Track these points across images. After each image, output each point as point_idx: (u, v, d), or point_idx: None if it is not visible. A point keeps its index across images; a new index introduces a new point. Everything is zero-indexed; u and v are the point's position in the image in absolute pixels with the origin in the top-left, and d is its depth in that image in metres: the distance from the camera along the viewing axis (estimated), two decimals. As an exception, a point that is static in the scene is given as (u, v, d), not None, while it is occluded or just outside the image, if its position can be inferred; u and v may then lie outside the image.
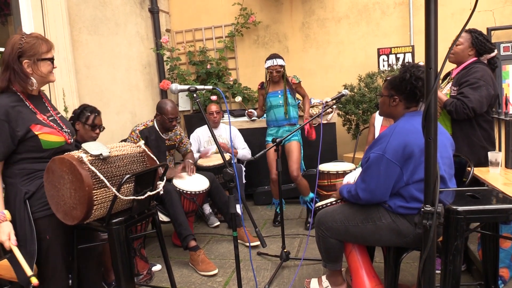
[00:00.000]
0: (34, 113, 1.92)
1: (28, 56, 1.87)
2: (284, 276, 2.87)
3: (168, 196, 3.12)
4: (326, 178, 3.31)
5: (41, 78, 1.94)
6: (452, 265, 1.70)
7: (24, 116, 1.87)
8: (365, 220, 2.10)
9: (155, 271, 3.11)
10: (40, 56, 1.90)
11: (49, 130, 1.92)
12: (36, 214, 1.89)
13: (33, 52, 1.88)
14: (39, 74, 1.91)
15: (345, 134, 4.65)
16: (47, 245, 1.93)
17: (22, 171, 1.89)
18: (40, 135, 1.87)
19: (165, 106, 3.34)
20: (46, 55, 1.92)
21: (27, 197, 1.88)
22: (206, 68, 5.12)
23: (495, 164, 2.46)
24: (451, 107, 2.58)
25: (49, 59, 1.94)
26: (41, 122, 1.91)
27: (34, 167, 1.90)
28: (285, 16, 5.15)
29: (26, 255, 1.86)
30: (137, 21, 4.83)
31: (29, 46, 1.88)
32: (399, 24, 4.73)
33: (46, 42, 1.94)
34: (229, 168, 1.91)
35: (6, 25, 3.57)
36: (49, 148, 1.91)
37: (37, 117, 1.91)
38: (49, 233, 1.93)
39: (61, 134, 1.96)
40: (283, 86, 3.78)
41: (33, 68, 1.89)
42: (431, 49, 1.20)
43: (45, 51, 1.91)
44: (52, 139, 1.91)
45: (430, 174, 1.27)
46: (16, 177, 1.89)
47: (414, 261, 2.87)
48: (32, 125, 1.87)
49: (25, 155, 1.89)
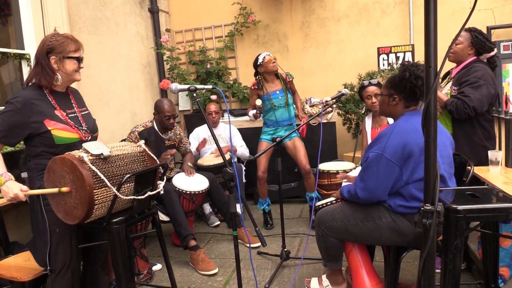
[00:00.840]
0: (53, 108, 2.01)
1: (56, 52, 1.98)
2: (284, 276, 2.87)
3: (167, 196, 3.13)
4: (326, 178, 3.31)
5: (66, 76, 2.04)
6: (452, 264, 1.70)
7: (42, 109, 1.96)
8: (365, 219, 2.11)
9: (156, 270, 3.12)
10: (67, 54, 2.00)
11: (62, 127, 2.00)
12: (47, 206, 1.97)
13: (61, 49, 1.99)
14: (64, 71, 2.02)
15: (345, 133, 4.65)
16: (57, 238, 2.01)
17: (38, 166, 1.99)
18: (52, 130, 1.96)
19: (161, 104, 3.36)
20: (73, 54, 2.02)
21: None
22: (206, 68, 5.12)
23: (495, 163, 2.46)
24: (452, 106, 2.58)
25: (76, 58, 2.03)
26: (57, 117, 2.00)
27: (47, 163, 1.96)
28: (285, 15, 5.14)
29: (42, 244, 2.01)
30: (137, 21, 4.83)
31: (58, 43, 1.99)
32: (399, 23, 4.73)
33: (75, 42, 2.04)
34: (229, 168, 1.91)
35: (6, 25, 3.57)
36: (61, 144, 1.99)
37: (54, 113, 2.00)
38: (59, 227, 1.99)
39: (75, 131, 2.04)
40: (281, 85, 3.73)
41: (59, 64, 1.99)
42: (431, 48, 1.20)
43: (72, 50, 2.01)
44: (64, 135, 1.99)
45: (430, 173, 1.27)
46: (33, 171, 2.01)
47: (414, 260, 2.88)
48: (46, 120, 1.96)
49: (41, 149, 1.98)
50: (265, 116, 3.83)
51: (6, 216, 2.65)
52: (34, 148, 1.99)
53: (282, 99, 3.69)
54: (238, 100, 5.24)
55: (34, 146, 1.99)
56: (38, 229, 2.02)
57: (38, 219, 2.01)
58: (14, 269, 2.19)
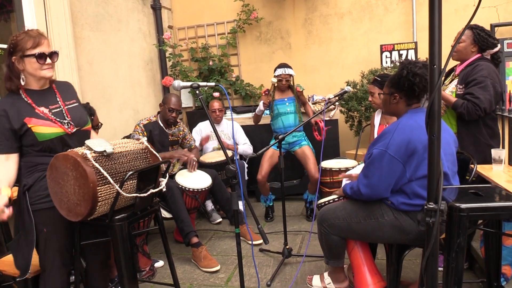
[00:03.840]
0: (30, 107, 1.94)
1: (16, 52, 1.88)
2: (286, 273, 2.88)
3: (170, 193, 3.13)
4: (328, 175, 3.30)
5: (31, 75, 1.94)
6: (455, 262, 1.70)
7: (20, 111, 1.91)
8: (368, 217, 2.11)
9: (158, 267, 3.13)
10: (24, 52, 1.88)
11: (43, 122, 1.93)
12: (34, 206, 1.95)
13: (19, 48, 1.88)
14: (27, 71, 1.91)
15: (347, 131, 4.64)
16: (45, 238, 1.97)
17: (26, 163, 1.97)
18: (33, 127, 1.91)
19: (170, 97, 3.45)
20: (31, 51, 1.87)
21: (25, 189, 1.95)
22: (208, 65, 5.11)
23: (498, 161, 2.45)
24: (463, 109, 2.57)
25: (33, 55, 1.88)
26: (36, 114, 1.94)
27: (35, 160, 1.96)
28: (287, 12, 5.13)
29: (26, 244, 1.96)
30: (139, 18, 4.82)
31: (16, 42, 1.88)
32: (402, 21, 4.71)
33: (34, 37, 1.88)
34: (232, 165, 1.91)
35: (8, 22, 3.57)
36: (45, 140, 1.94)
37: (34, 111, 1.94)
38: (46, 226, 1.96)
39: (57, 125, 1.97)
40: (291, 94, 3.89)
41: (21, 64, 1.90)
42: (435, 46, 1.20)
43: (29, 47, 1.87)
44: (46, 131, 1.93)
45: (433, 171, 1.26)
46: (22, 169, 1.98)
47: (417, 258, 2.88)
48: (26, 119, 1.91)
49: (28, 148, 1.95)
50: (274, 125, 3.97)
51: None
52: (23, 147, 1.96)
53: (290, 106, 3.86)
54: (241, 97, 5.23)
55: (22, 145, 1.95)
56: (24, 228, 1.96)
57: (25, 218, 1.95)
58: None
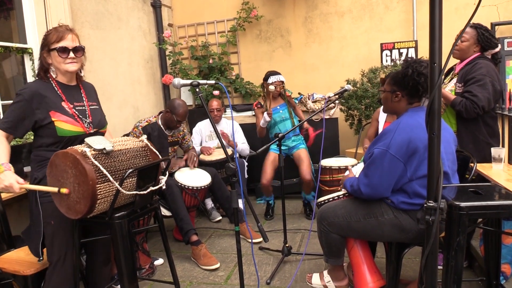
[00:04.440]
0: (60, 99, 2.00)
1: (44, 46, 1.97)
2: (285, 271, 2.88)
3: (169, 191, 3.13)
4: (328, 174, 3.30)
5: (57, 69, 2.01)
6: (454, 261, 1.70)
7: (48, 100, 1.96)
8: (368, 216, 2.11)
9: (157, 265, 3.13)
10: (50, 46, 1.96)
11: (66, 119, 1.99)
12: (42, 198, 1.99)
13: (46, 42, 1.97)
14: (54, 65, 2.00)
15: (347, 129, 4.64)
16: (52, 231, 2.01)
17: (37, 157, 2.01)
18: (56, 122, 1.96)
19: (180, 109, 3.30)
20: (55, 45, 1.95)
21: (35, 182, 2.00)
22: (208, 63, 5.10)
23: (498, 160, 2.45)
24: (461, 107, 2.57)
25: (55, 48, 1.95)
26: (62, 109, 1.99)
27: (47, 155, 1.98)
28: (287, 11, 5.12)
29: (35, 234, 2.03)
30: (139, 16, 4.81)
31: (45, 37, 1.98)
32: (403, 19, 4.71)
33: (58, 32, 1.98)
34: (232, 163, 1.90)
35: (8, 20, 3.57)
36: (64, 136, 1.98)
37: (61, 104, 2.00)
38: (53, 219, 1.99)
39: (79, 125, 2.03)
40: (282, 101, 3.88)
41: (49, 58, 1.99)
42: (436, 44, 1.19)
43: (53, 41, 1.96)
44: (67, 128, 1.99)
45: (433, 170, 1.26)
46: (33, 162, 2.03)
47: (416, 256, 2.88)
48: (51, 111, 1.96)
49: (43, 140, 1.99)
50: (272, 134, 3.94)
51: (9, 210, 2.66)
52: (37, 138, 2.01)
53: (283, 113, 3.86)
54: (241, 95, 5.23)
55: (38, 136, 2.01)
56: (32, 219, 2.04)
57: (33, 210, 2.02)
58: (17, 263, 2.19)
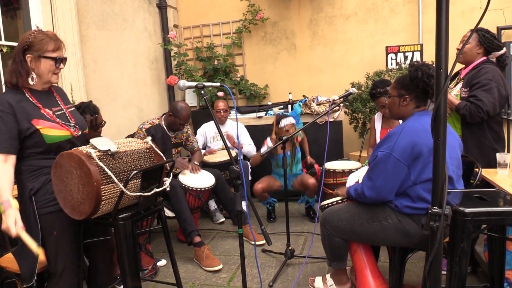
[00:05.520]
0: (37, 108, 1.92)
1: (33, 50, 1.88)
2: (288, 274, 2.88)
3: (173, 192, 3.13)
4: (332, 177, 3.30)
5: (40, 77, 1.93)
6: (458, 267, 1.69)
7: (27, 111, 1.88)
8: (371, 220, 2.10)
9: (160, 266, 3.13)
10: (43, 53, 1.89)
11: (51, 125, 1.92)
12: (41, 210, 1.91)
13: (38, 47, 1.89)
14: (38, 72, 1.91)
15: (351, 133, 4.63)
16: (56, 241, 1.95)
17: (29, 167, 1.92)
18: (41, 129, 1.88)
19: (182, 112, 3.29)
20: (51, 54, 1.90)
21: (32, 193, 1.90)
22: (213, 64, 5.11)
23: (503, 166, 2.44)
24: (465, 111, 2.56)
25: (53, 58, 1.91)
26: (44, 116, 1.92)
27: (40, 163, 1.92)
28: (293, 13, 5.12)
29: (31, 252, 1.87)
30: (145, 17, 4.83)
31: (36, 41, 1.89)
32: (408, 22, 4.70)
33: (55, 41, 1.92)
34: (236, 165, 1.91)
35: (15, 19, 3.58)
36: (52, 143, 1.92)
37: (40, 112, 1.92)
38: (56, 229, 1.94)
39: (65, 128, 1.97)
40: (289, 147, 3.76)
41: (35, 63, 1.90)
42: (442, 50, 1.19)
43: (50, 49, 1.90)
44: (54, 133, 1.92)
45: (438, 176, 1.26)
46: (24, 174, 1.92)
47: (419, 261, 2.87)
48: (33, 120, 1.87)
49: (31, 150, 1.90)
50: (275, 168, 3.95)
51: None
52: (23, 150, 1.89)
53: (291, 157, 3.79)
54: (245, 97, 5.23)
55: (23, 148, 1.89)
56: (29, 234, 1.84)
57: (31, 224, 1.88)
58: (20, 262, 2.19)
